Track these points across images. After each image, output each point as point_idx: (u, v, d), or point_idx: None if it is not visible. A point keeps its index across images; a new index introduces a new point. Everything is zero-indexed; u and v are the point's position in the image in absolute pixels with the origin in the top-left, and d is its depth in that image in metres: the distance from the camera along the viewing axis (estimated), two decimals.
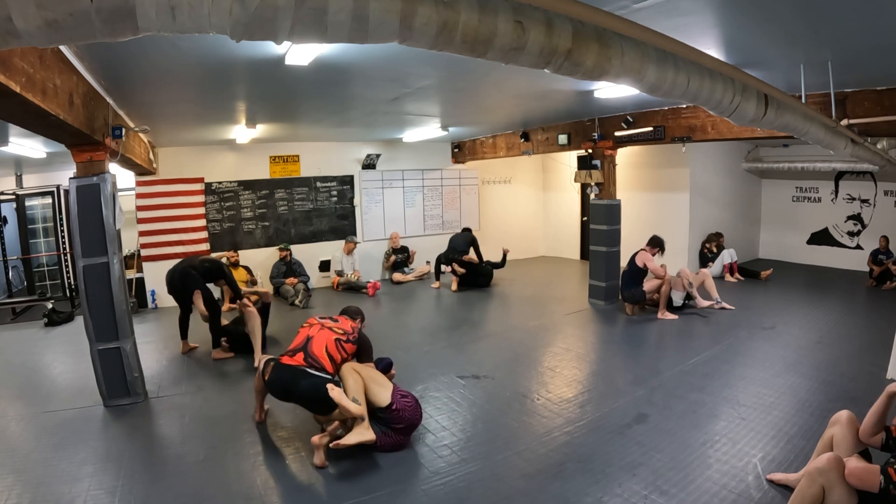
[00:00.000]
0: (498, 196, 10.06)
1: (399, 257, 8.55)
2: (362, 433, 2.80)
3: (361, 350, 3.26)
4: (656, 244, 5.87)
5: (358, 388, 2.93)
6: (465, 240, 7.91)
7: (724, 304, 5.88)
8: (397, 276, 8.38)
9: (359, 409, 2.80)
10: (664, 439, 3.03)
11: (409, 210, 9.09)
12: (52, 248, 7.52)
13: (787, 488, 2.40)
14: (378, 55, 3.05)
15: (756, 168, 8.80)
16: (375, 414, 2.98)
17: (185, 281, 4.80)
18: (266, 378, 3.04)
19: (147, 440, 3.29)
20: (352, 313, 3.49)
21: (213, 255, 7.04)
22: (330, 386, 2.81)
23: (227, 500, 2.62)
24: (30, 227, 7.56)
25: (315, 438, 2.87)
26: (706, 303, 5.78)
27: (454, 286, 7.65)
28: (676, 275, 5.85)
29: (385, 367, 3.47)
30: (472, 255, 7.80)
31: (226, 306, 6.51)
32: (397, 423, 2.98)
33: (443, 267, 7.90)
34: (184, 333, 5.00)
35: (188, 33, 1.07)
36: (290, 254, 7.52)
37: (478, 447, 3.05)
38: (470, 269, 7.66)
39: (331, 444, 2.79)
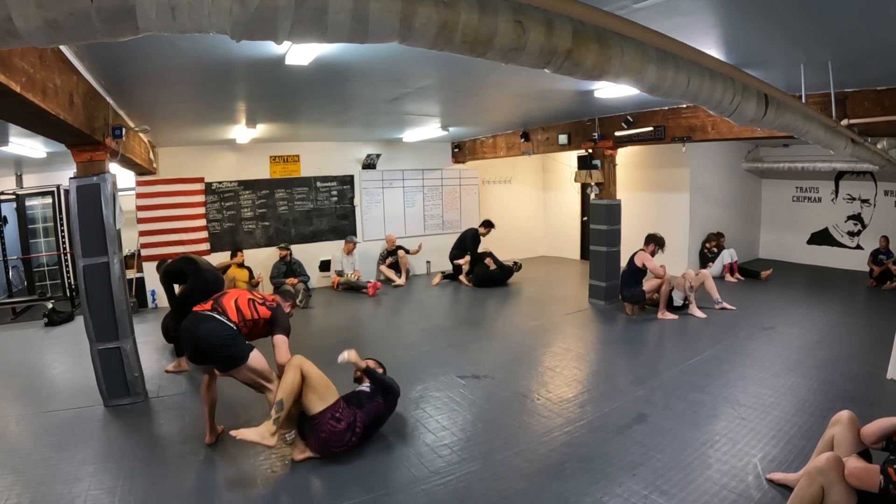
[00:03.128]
0: (498, 196, 10.06)
1: (393, 259, 8.52)
2: (262, 435, 2.69)
3: (274, 320, 3.10)
4: (653, 241, 5.86)
5: (288, 389, 2.80)
6: (462, 240, 8.24)
7: (725, 305, 5.87)
8: (390, 273, 8.38)
9: (249, 436, 2.68)
10: (664, 439, 3.03)
11: (410, 210, 9.08)
12: (52, 248, 7.52)
13: (786, 488, 2.40)
14: (378, 55, 3.05)
15: (756, 168, 8.79)
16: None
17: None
18: (182, 335, 3.04)
19: (147, 440, 3.29)
20: (284, 294, 3.47)
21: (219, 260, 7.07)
22: (255, 353, 2.89)
23: (228, 499, 2.62)
24: (30, 226, 7.56)
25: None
26: (699, 313, 5.67)
27: (465, 281, 8.11)
28: (681, 276, 5.84)
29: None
30: (469, 257, 8.13)
31: None
32: (314, 432, 2.89)
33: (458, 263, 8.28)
34: (180, 350, 4.50)
35: (188, 33, 1.07)
36: (291, 253, 7.52)
37: (478, 447, 3.05)
38: (473, 266, 8.04)
39: (231, 432, 2.73)
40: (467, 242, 8.14)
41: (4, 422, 3.57)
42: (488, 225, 8.23)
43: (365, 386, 3.23)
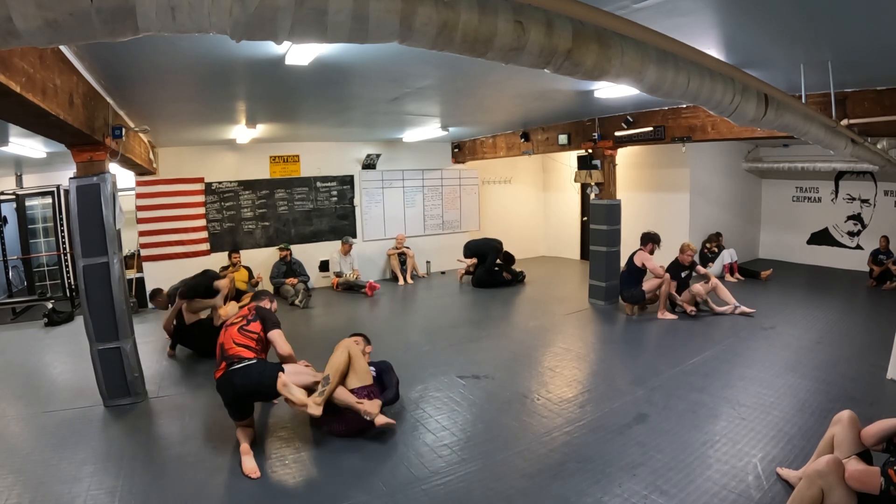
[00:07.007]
0: (498, 196, 10.06)
1: (401, 258, 8.54)
2: (309, 404, 2.93)
3: (263, 321, 3.31)
4: (650, 240, 5.84)
5: (335, 366, 3.11)
6: (483, 251, 8.02)
7: (744, 309, 5.65)
8: (397, 267, 8.39)
9: (301, 399, 2.95)
10: (664, 439, 3.03)
11: (410, 210, 9.08)
12: (52, 248, 7.52)
13: (789, 485, 2.41)
14: (378, 55, 3.05)
15: (756, 168, 8.80)
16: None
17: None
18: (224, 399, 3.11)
19: (147, 440, 3.29)
20: (257, 296, 3.73)
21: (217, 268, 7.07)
22: (280, 378, 2.98)
23: (228, 500, 2.62)
24: (30, 226, 7.56)
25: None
26: (721, 308, 5.62)
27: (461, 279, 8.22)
28: (688, 292, 5.75)
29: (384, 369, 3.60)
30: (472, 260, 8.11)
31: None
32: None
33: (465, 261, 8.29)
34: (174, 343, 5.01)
35: (188, 33, 1.07)
36: (291, 254, 7.52)
37: (478, 447, 3.05)
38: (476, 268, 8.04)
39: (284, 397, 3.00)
40: (489, 258, 7.87)
41: (4, 422, 3.56)
42: (508, 259, 8.08)
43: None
